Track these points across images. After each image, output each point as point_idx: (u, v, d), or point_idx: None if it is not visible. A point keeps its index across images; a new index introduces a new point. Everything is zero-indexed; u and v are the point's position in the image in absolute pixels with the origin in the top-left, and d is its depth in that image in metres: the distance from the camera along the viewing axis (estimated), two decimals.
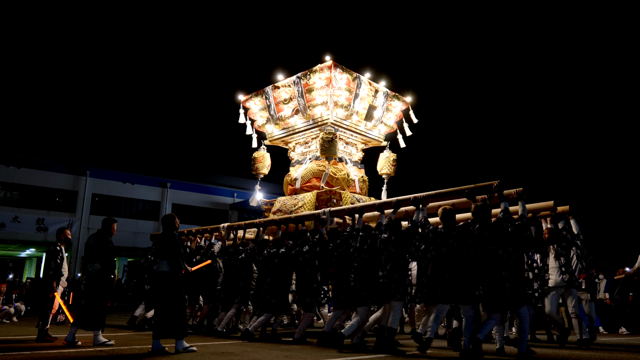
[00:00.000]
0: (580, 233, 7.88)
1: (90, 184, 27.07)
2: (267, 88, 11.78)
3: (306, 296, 7.62)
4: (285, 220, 9.30)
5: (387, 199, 7.87)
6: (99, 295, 6.80)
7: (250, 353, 6.00)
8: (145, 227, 28.24)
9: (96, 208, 26.98)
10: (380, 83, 11.74)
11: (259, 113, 12.34)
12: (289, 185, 11.82)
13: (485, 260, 5.69)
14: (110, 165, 28.36)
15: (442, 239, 6.01)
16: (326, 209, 8.75)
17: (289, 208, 11.05)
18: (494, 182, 6.31)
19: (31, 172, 25.23)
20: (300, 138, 12.08)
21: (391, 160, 12.26)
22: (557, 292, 7.45)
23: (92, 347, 6.35)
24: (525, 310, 5.62)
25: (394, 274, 6.45)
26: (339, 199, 10.48)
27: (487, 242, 5.69)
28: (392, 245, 6.55)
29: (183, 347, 5.85)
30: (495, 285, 5.58)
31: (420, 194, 7.15)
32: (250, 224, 10.12)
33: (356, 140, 12.26)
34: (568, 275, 7.31)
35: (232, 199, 31.45)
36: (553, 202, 7.69)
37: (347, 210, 8.58)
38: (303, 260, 7.74)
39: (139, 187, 28.55)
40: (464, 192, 6.64)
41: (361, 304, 6.78)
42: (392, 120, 12.47)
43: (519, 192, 6.31)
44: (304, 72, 11.05)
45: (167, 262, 6.02)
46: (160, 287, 6.07)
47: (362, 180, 11.88)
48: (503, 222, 5.79)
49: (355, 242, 7.08)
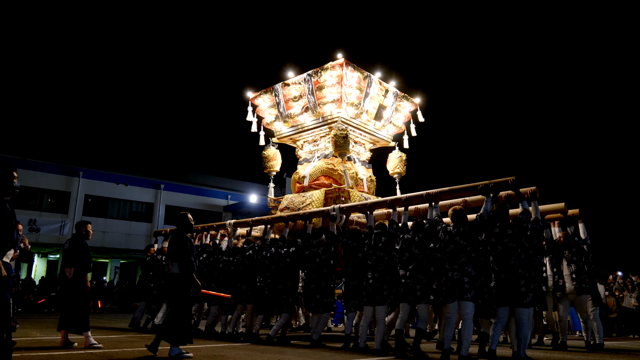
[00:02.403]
0: (588, 238, 7.88)
1: (83, 185, 26.72)
2: (277, 85, 11.73)
3: (324, 296, 7.55)
4: (294, 217, 9.21)
5: (397, 196, 7.81)
6: (78, 298, 6.74)
7: (243, 357, 5.88)
8: (138, 228, 27.95)
9: (89, 209, 26.63)
10: (390, 83, 11.76)
11: (267, 110, 12.28)
12: (297, 183, 11.75)
13: (504, 257, 5.63)
14: (104, 166, 28.02)
15: (451, 237, 5.94)
16: (336, 205, 8.68)
17: (296, 205, 10.97)
18: (509, 179, 6.23)
19: (23, 173, 24.72)
20: (309, 136, 12.02)
21: (403, 159, 12.28)
22: (568, 298, 7.66)
23: (83, 350, 6.24)
24: (527, 313, 5.51)
25: (418, 275, 6.37)
26: (347, 197, 10.43)
27: (509, 239, 5.65)
28: (416, 246, 6.48)
29: (176, 354, 5.53)
30: (509, 281, 5.51)
31: (433, 191, 7.03)
32: (257, 220, 10.03)
33: (364, 140, 12.24)
34: (577, 282, 7.43)
35: (226, 200, 31.25)
36: (564, 204, 7.68)
37: (357, 206, 8.52)
38: (320, 261, 7.68)
39: (132, 188, 28.25)
40: (477, 188, 6.54)
41: (381, 303, 6.70)
42: (400, 121, 12.49)
43: (532, 191, 6.24)
44: (315, 70, 11.02)
45: (177, 264, 5.87)
46: (170, 290, 6.00)
47: (370, 179, 11.86)
48: (523, 222, 5.75)
49: (370, 241, 7.04)
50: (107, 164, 28.42)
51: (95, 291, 20.27)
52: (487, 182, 6.47)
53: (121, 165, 28.75)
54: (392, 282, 6.71)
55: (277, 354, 6.22)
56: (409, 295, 6.34)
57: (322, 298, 7.54)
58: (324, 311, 7.59)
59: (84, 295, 6.82)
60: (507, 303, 5.57)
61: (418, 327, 6.33)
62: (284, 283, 8.06)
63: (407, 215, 7.16)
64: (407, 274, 6.41)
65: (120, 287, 23.45)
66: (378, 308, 6.71)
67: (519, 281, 5.47)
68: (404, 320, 6.57)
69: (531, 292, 5.48)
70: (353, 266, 7.30)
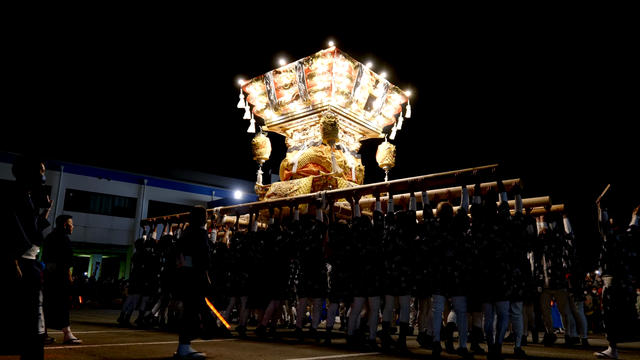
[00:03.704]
0: (573, 233, 7.92)
1: (65, 179, 26.29)
2: (269, 73, 11.74)
3: (315, 283, 7.50)
4: (280, 203, 9.07)
5: (382, 182, 7.80)
6: (59, 293, 6.64)
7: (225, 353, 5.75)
8: (121, 224, 27.60)
9: (70, 204, 26.18)
10: (381, 74, 11.84)
11: (258, 98, 12.28)
12: (285, 170, 11.76)
13: (489, 251, 5.61)
14: (86, 160, 27.59)
15: (438, 231, 5.93)
16: (322, 191, 8.60)
17: (284, 192, 10.97)
18: (492, 166, 6.20)
19: (2, 166, 24.32)
20: (299, 125, 12.04)
21: (392, 151, 12.37)
22: (548, 292, 7.75)
23: (62, 345, 6.08)
24: (507, 308, 5.48)
25: (403, 267, 6.33)
26: (335, 185, 10.44)
27: (495, 234, 5.62)
28: (400, 238, 6.45)
29: (187, 353, 5.30)
30: (492, 276, 5.50)
31: (418, 177, 6.97)
32: (244, 207, 9.89)
33: (354, 130, 12.30)
34: (553, 277, 7.54)
35: (211, 196, 31.03)
36: (549, 197, 7.71)
37: (343, 192, 8.46)
38: (310, 250, 7.62)
39: (115, 183, 27.87)
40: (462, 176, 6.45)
41: (374, 294, 6.66)
42: (390, 112, 12.58)
43: (516, 183, 6.21)
44: (306, 58, 11.06)
45: (191, 258, 5.61)
46: (182, 284, 5.64)
47: (358, 169, 11.91)
48: (505, 216, 5.71)
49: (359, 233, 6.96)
50: (90, 157, 27.99)
51: (76, 286, 19.96)
52: (470, 169, 6.43)
53: (104, 159, 28.36)
54: (382, 274, 6.69)
55: (257, 350, 6.02)
56: (395, 287, 6.32)
57: (313, 284, 7.49)
58: (315, 296, 7.53)
59: (64, 290, 6.71)
60: (490, 298, 5.55)
61: (402, 322, 6.32)
62: (274, 272, 7.99)
63: (392, 203, 7.04)
64: (392, 265, 6.39)
65: (101, 283, 23.15)
66: (371, 299, 6.69)
67: (502, 275, 5.46)
68: (390, 312, 6.57)
69: (512, 285, 5.46)
70: (341, 259, 7.25)
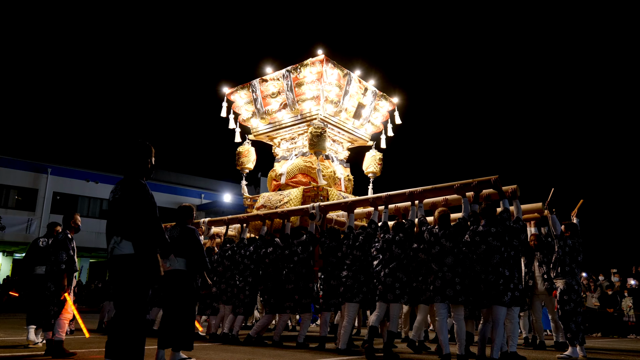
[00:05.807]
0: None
1: (52, 182, 25.98)
2: (255, 81, 11.51)
3: (303, 297, 7.36)
4: (271, 215, 8.98)
5: (379, 194, 7.66)
6: None
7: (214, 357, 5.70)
8: None
9: (57, 207, 25.83)
10: (369, 82, 11.67)
11: (244, 107, 12.05)
12: (274, 180, 11.55)
13: (487, 255, 5.55)
14: (73, 163, 27.34)
15: (437, 239, 5.84)
16: (315, 203, 8.50)
17: (274, 204, 10.77)
18: (492, 177, 6.17)
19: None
20: (287, 134, 11.84)
21: (377, 159, 12.21)
22: (539, 298, 7.79)
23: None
24: (502, 313, 5.40)
25: (398, 274, 6.22)
26: (325, 196, 10.29)
27: (493, 237, 5.55)
28: (397, 245, 6.32)
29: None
30: (489, 281, 5.45)
31: (416, 189, 6.89)
32: (233, 219, 9.74)
33: (343, 139, 12.13)
34: (549, 282, 7.51)
35: (200, 200, 30.78)
36: (542, 204, 7.65)
37: (337, 205, 8.37)
38: (298, 260, 7.48)
39: (102, 185, 27.51)
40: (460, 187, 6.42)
41: (350, 300, 6.62)
42: (378, 120, 12.43)
43: (513, 190, 6.19)
44: (294, 66, 10.85)
45: (184, 260, 5.31)
46: (171, 288, 5.28)
47: (347, 179, 11.78)
48: (505, 220, 5.70)
49: (349, 240, 6.92)
50: (77, 160, 27.77)
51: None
52: (469, 181, 6.39)
53: (91, 162, 28.15)
54: (363, 282, 6.64)
55: (249, 354, 6.01)
56: (388, 293, 6.21)
57: (300, 299, 7.36)
58: (303, 312, 7.41)
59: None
60: (487, 303, 5.50)
61: (390, 330, 6.20)
62: (264, 283, 7.85)
63: (387, 214, 7.03)
64: (386, 272, 6.27)
65: (89, 287, 22.86)
66: (349, 305, 6.64)
67: (499, 280, 5.40)
68: (380, 318, 6.44)
69: (510, 291, 5.40)
70: (332, 266, 7.18)
